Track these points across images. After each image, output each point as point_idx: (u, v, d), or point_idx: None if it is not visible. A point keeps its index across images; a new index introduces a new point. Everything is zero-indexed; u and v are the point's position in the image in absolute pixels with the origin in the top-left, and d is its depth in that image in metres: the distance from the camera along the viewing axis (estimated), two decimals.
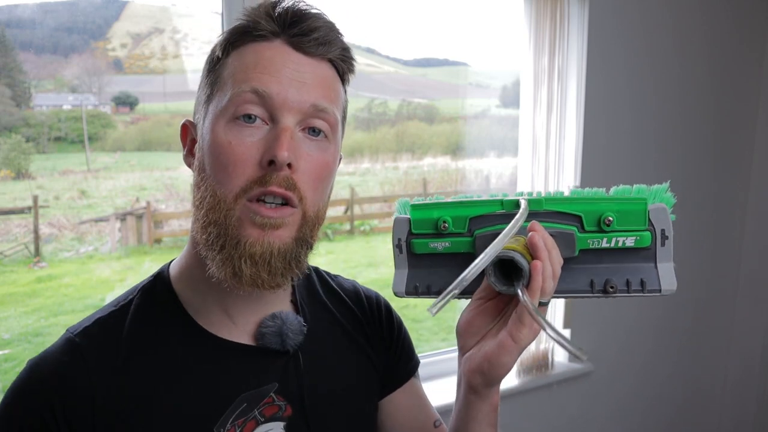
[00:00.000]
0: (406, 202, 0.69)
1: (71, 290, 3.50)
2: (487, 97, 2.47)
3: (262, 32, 0.63)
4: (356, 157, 5.55)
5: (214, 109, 0.63)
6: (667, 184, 0.64)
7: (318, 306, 0.77)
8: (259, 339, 0.68)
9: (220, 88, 0.64)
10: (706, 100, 2.19)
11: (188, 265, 0.69)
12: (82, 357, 0.62)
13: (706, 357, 2.41)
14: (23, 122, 2.79)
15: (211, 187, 0.62)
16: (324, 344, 0.74)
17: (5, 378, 2.83)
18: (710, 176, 2.26)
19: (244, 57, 0.63)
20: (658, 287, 0.62)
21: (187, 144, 0.69)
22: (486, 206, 0.64)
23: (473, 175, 2.49)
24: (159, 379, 0.63)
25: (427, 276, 0.67)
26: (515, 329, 0.60)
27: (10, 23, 1.84)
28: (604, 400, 2.12)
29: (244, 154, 0.61)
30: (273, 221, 0.61)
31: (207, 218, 0.62)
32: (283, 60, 0.62)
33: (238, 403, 0.65)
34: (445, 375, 1.85)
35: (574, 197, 0.63)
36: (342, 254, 5.28)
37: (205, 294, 0.67)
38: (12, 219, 3.36)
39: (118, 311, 0.67)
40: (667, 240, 0.62)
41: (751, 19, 2.26)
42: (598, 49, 1.87)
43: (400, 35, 3.10)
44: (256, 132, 0.61)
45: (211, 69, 0.66)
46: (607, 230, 0.61)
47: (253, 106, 0.61)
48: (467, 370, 0.65)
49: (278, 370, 0.69)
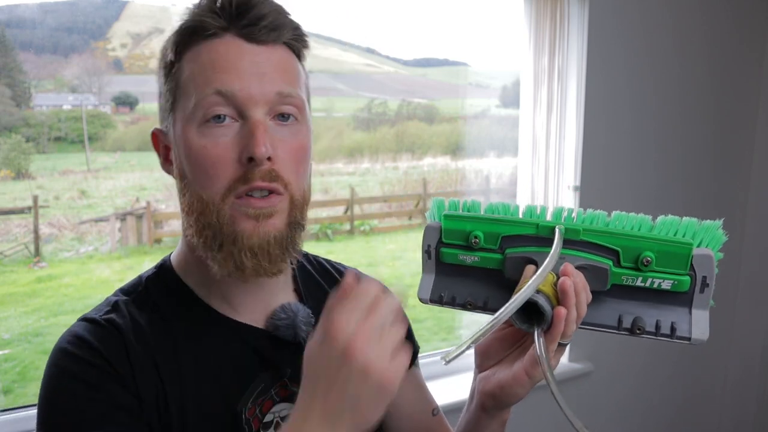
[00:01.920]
0: (441, 203, 0.67)
1: (71, 290, 3.50)
2: (487, 97, 2.48)
3: (211, 29, 0.62)
4: (356, 157, 5.56)
5: (182, 116, 0.63)
6: (720, 221, 0.60)
7: (321, 294, 0.77)
8: (272, 330, 0.69)
9: (183, 94, 0.63)
10: (706, 100, 2.19)
11: (186, 260, 0.70)
12: (115, 329, 0.63)
13: (706, 357, 2.41)
14: (23, 122, 2.79)
15: (196, 192, 0.63)
16: None
17: (5, 378, 2.83)
18: (710, 176, 2.26)
19: (198, 58, 0.63)
20: (688, 335, 0.59)
21: (161, 151, 0.69)
22: (520, 227, 0.62)
23: (473, 175, 2.49)
24: (182, 356, 0.64)
25: (453, 286, 0.66)
26: (531, 368, 0.59)
27: (10, 23, 1.84)
28: (604, 400, 2.12)
29: (221, 155, 0.61)
30: (265, 211, 0.62)
31: (199, 222, 0.63)
32: (238, 54, 0.62)
33: (257, 383, 0.67)
34: (445, 375, 1.85)
35: (614, 231, 0.59)
36: (342, 254, 5.28)
37: (207, 285, 0.69)
38: (12, 219, 3.36)
39: (130, 299, 0.68)
40: (707, 288, 0.58)
41: (751, 19, 2.26)
42: (598, 49, 1.87)
43: (400, 35, 3.10)
44: (227, 131, 0.62)
45: (168, 75, 0.65)
46: (644, 270, 0.58)
47: (219, 106, 0.61)
48: (481, 391, 0.65)
49: (289, 357, 0.69)
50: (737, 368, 2.44)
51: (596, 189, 1.94)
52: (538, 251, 0.61)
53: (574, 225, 0.60)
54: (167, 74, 0.65)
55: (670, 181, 2.13)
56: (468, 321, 2.58)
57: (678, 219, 0.60)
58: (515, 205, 0.65)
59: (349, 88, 4.91)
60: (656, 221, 0.60)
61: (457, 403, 1.52)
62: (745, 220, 2.36)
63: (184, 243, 0.70)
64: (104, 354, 0.61)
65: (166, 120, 0.67)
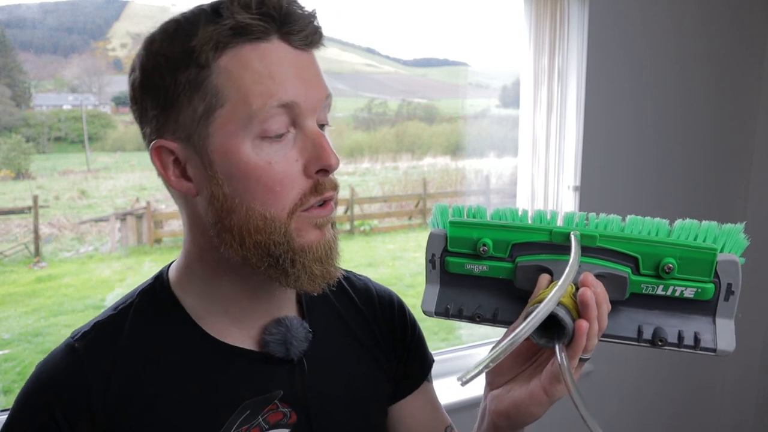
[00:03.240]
0: (444, 209, 0.64)
1: (71, 290, 3.50)
2: (487, 97, 2.48)
3: (258, 33, 0.58)
4: (356, 157, 5.56)
5: (226, 127, 0.57)
6: (742, 225, 0.58)
7: (325, 307, 0.75)
8: (263, 346, 0.67)
9: (223, 102, 0.57)
10: (706, 100, 2.19)
11: (189, 272, 0.67)
12: (80, 361, 0.61)
13: (706, 357, 2.40)
14: (23, 122, 2.79)
15: (255, 211, 0.58)
16: (330, 349, 0.72)
17: (5, 378, 2.84)
18: (710, 176, 2.26)
19: (248, 64, 0.57)
20: (713, 346, 0.56)
21: (170, 167, 0.61)
22: (532, 234, 0.59)
23: (473, 175, 2.49)
24: (159, 383, 0.62)
25: (459, 297, 0.63)
26: (550, 385, 0.56)
27: (10, 23, 1.84)
28: (604, 400, 2.12)
29: (287, 171, 0.58)
30: (329, 218, 0.62)
31: (260, 242, 0.59)
32: (291, 62, 0.59)
33: (241, 410, 0.64)
34: (445, 375, 1.85)
35: (633, 236, 0.56)
36: (342, 254, 5.28)
37: (210, 299, 0.66)
38: (12, 219, 3.36)
39: (117, 315, 0.66)
40: (732, 296, 0.55)
41: (751, 19, 2.26)
42: (598, 49, 1.87)
43: (400, 35, 3.10)
44: (286, 144, 0.59)
45: (195, 79, 0.57)
46: (665, 277, 0.55)
47: (280, 119, 0.58)
48: (493, 411, 0.62)
49: (283, 377, 0.67)
50: (737, 368, 2.44)
51: (596, 189, 1.94)
52: (552, 259, 0.58)
53: (590, 231, 0.57)
54: (193, 79, 0.57)
55: (670, 181, 2.13)
56: None
57: (697, 223, 0.57)
58: (524, 210, 0.61)
59: (349, 88, 4.91)
60: (674, 225, 0.57)
61: (457, 404, 1.52)
62: (745, 220, 2.36)
63: (187, 260, 0.67)
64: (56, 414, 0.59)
65: (184, 130, 0.59)
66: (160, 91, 0.58)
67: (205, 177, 0.59)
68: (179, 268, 0.68)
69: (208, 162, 0.58)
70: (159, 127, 0.60)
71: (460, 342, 2.48)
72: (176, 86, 0.58)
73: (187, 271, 0.67)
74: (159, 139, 0.60)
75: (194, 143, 0.59)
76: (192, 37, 0.57)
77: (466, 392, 0.70)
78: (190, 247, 0.66)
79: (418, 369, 0.81)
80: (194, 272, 0.66)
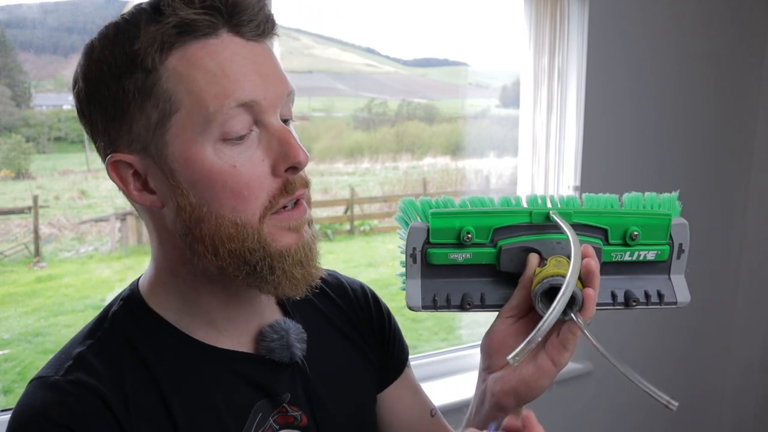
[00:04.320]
0: (411, 202, 0.63)
1: (71, 290, 3.50)
2: (487, 97, 2.47)
3: (204, 28, 0.53)
4: (356, 157, 5.55)
5: (183, 134, 0.54)
6: (676, 193, 0.64)
7: (305, 305, 0.73)
8: (266, 353, 0.65)
9: (177, 107, 0.53)
10: (706, 100, 2.19)
11: (163, 288, 0.63)
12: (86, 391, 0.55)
13: (706, 357, 2.41)
14: (23, 122, 2.79)
15: (225, 218, 0.55)
16: (322, 348, 0.71)
17: (5, 378, 2.84)
18: (710, 176, 2.26)
19: (198, 63, 0.53)
20: (674, 299, 0.63)
21: (130, 181, 0.57)
22: (512, 217, 0.61)
23: (473, 175, 2.49)
24: (171, 400, 0.59)
25: (444, 287, 0.63)
26: (558, 354, 0.58)
27: (10, 23, 1.84)
28: (604, 400, 2.12)
29: (253, 173, 0.55)
30: (303, 220, 0.59)
31: (234, 250, 0.56)
32: (245, 57, 0.55)
33: (253, 415, 0.63)
34: (445, 375, 1.85)
35: (603, 210, 0.62)
36: (342, 254, 5.27)
37: (191, 312, 0.63)
38: (12, 219, 3.36)
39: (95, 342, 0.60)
40: (683, 254, 0.63)
41: (751, 19, 2.26)
42: (598, 49, 1.87)
43: (400, 35, 3.10)
44: (250, 144, 0.55)
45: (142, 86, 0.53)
46: (631, 244, 0.61)
47: (240, 119, 0.54)
48: (499, 391, 0.62)
49: (285, 380, 0.66)
50: (737, 368, 2.44)
51: (596, 189, 1.92)
52: (536, 239, 0.61)
53: (565, 209, 0.61)
54: (141, 85, 0.53)
55: (670, 181, 2.13)
56: (468, 321, 2.58)
57: (640, 195, 0.63)
58: (489, 198, 0.64)
59: (349, 88, 4.91)
60: (623, 198, 0.64)
61: (456, 404, 1.52)
62: (745, 220, 2.36)
63: (158, 273, 0.63)
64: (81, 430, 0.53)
65: (138, 142, 0.55)
66: (107, 101, 0.54)
67: (168, 188, 0.56)
68: (151, 285, 0.64)
69: (170, 172, 0.55)
70: (112, 140, 0.56)
71: (460, 342, 2.48)
72: (124, 94, 0.54)
73: (162, 288, 0.63)
74: (114, 153, 0.56)
75: (152, 153, 0.55)
76: (134, 39, 0.52)
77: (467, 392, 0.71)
78: (160, 262, 0.63)
79: (399, 355, 0.82)
80: (168, 286, 0.63)
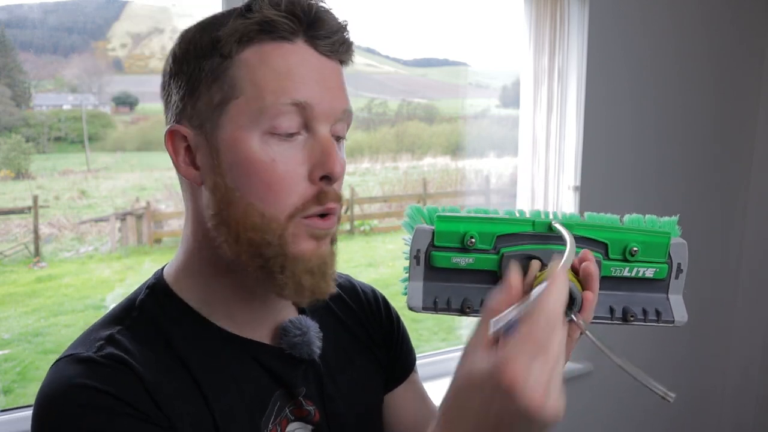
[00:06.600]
0: (418, 209, 0.65)
1: (71, 290, 3.50)
2: (487, 97, 2.47)
3: (283, 32, 0.58)
4: (356, 157, 5.54)
5: (238, 120, 0.58)
6: (676, 217, 0.65)
7: (321, 308, 0.75)
8: (289, 348, 0.67)
9: (238, 94, 0.57)
10: (706, 100, 2.19)
11: (188, 277, 0.65)
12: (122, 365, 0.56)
13: (706, 357, 2.41)
14: (23, 122, 2.79)
15: (254, 207, 0.58)
16: (335, 348, 0.73)
17: (5, 378, 2.83)
18: (710, 176, 2.26)
19: (269, 60, 0.57)
20: (672, 318, 0.64)
21: (181, 153, 0.61)
22: (516, 225, 0.63)
23: (473, 175, 2.49)
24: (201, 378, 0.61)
25: (445, 290, 0.65)
26: None
27: (10, 23, 1.84)
28: (604, 400, 2.12)
29: (291, 171, 0.58)
30: (329, 232, 0.61)
31: (253, 240, 0.58)
32: (312, 65, 0.59)
33: (273, 402, 0.65)
34: (445, 375, 1.85)
35: (604, 225, 0.63)
36: (342, 254, 5.26)
37: (210, 304, 0.65)
38: (12, 219, 3.36)
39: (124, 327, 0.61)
40: (681, 273, 0.64)
41: (751, 19, 2.26)
42: (598, 49, 1.87)
43: (400, 35, 3.10)
44: (295, 145, 0.58)
45: (216, 69, 0.58)
46: (630, 260, 0.62)
47: (291, 118, 0.57)
48: None
49: (301, 375, 0.68)
50: (737, 368, 2.44)
51: (596, 189, 1.94)
52: (538, 248, 0.62)
53: (567, 221, 0.63)
54: (215, 68, 0.58)
55: (670, 181, 2.13)
56: (468, 321, 2.58)
57: (641, 216, 0.65)
58: (493, 209, 0.65)
59: (349, 88, 4.91)
60: (624, 219, 0.65)
61: None
62: (745, 220, 2.36)
63: (185, 257, 0.65)
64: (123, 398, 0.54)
65: (198, 117, 0.59)
66: (185, 77, 0.60)
67: (210, 166, 0.59)
68: (177, 271, 0.66)
69: (216, 151, 0.59)
70: (178, 112, 0.61)
71: (460, 342, 2.48)
72: (199, 73, 0.59)
73: (186, 274, 0.65)
74: (175, 124, 0.61)
75: (206, 131, 0.59)
76: (220, 27, 0.58)
77: None
78: (189, 242, 0.65)
79: (407, 359, 0.84)
80: (193, 272, 0.65)
